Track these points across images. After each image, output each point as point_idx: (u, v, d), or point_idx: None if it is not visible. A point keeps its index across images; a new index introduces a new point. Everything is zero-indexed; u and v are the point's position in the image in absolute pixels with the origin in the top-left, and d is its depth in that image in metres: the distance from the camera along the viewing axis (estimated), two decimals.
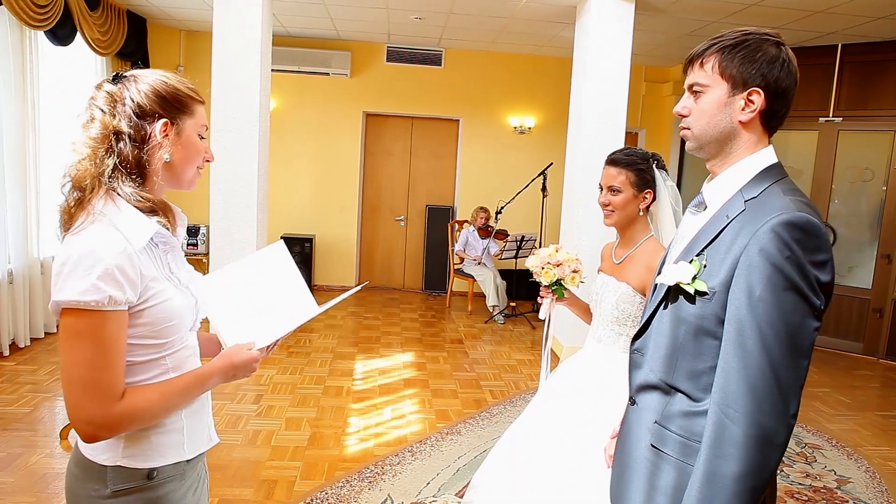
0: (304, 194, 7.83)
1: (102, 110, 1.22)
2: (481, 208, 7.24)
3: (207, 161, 1.34)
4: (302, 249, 7.38)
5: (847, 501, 3.30)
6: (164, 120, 1.24)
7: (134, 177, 1.22)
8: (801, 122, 6.45)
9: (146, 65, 6.88)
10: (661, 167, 2.16)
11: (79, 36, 5.36)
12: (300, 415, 4.02)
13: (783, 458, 3.70)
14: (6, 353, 4.73)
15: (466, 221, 7.42)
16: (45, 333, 5.28)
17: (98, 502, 1.22)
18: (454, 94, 7.85)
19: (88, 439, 1.17)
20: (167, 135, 1.24)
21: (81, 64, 5.85)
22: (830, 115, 6.30)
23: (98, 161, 1.20)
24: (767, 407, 1.08)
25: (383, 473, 3.30)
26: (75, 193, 1.20)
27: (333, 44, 7.56)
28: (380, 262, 8.29)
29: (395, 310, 7.14)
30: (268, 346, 1.39)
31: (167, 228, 1.26)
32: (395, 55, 7.70)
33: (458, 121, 8.08)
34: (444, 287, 8.01)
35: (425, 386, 4.70)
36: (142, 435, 1.23)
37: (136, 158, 1.22)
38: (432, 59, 7.77)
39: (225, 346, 1.39)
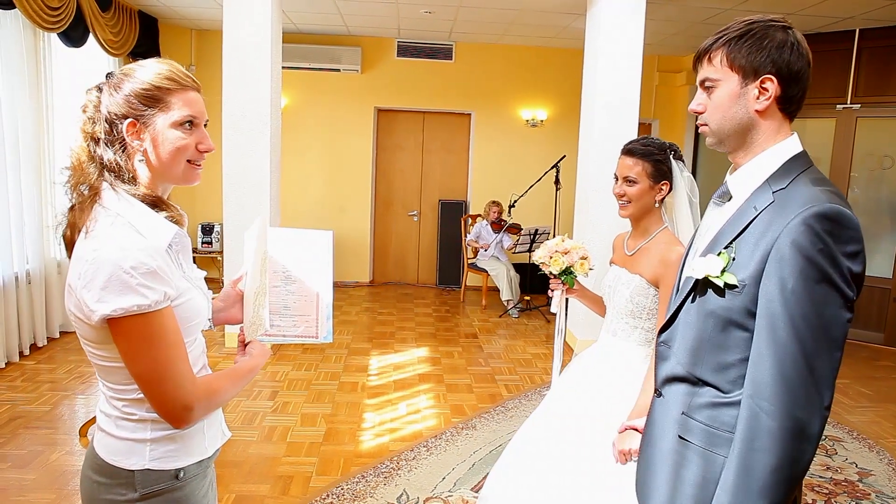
0: (317, 191, 7.85)
1: (84, 118, 1.23)
2: (493, 202, 7.21)
3: (203, 151, 1.27)
4: None
5: (869, 494, 3.25)
6: (129, 120, 1.21)
7: (126, 178, 1.22)
8: (819, 109, 6.35)
9: None
10: (679, 158, 2.12)
11: (91, 37, 5.41)
12: (315, 411, 4.03)
13: None
14: (26, 352, 4.79)
15: (479, 216, 7.39)
16: (61, 333, 5.34)
17: None
18: (465, 88, 7.82)
19: (185, 423, 1.20)
20: (136, 135, 1.22)
21: (94, 65, 5.89)
22: (848, 101, 6.19)
23: (84, 168, 1.21)
24: (802, 399, 1.08)
25: (398, 469, 3.30)
26: (72, 198, 1.23)
27: (344, 40, 7.55)
28: (393, 258, 8.30)
29: (409, 305, 7.14)
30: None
31: (179, 226, 1.26)
32: (406, 50, 7.68)
33: (469, 115, 8.05)
34: (458, 282, 8.00)
35: (440, 381, 4.70)
36: (167, 437, 1.25)
37: (117, 163, 1.22)
38: (443, 53, 7.74)
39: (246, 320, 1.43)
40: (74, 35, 5.16)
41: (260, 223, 1.39)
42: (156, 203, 1.23)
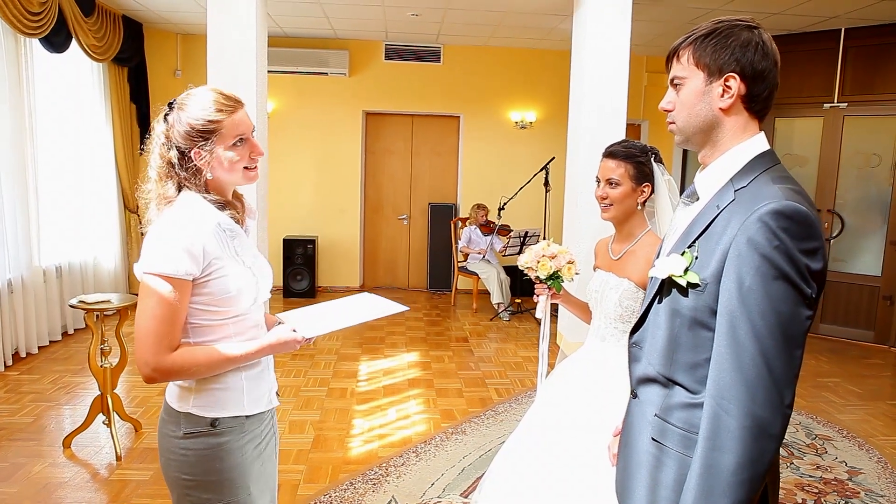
0: (306, 196, 7.82)
1: (159, 144, 1.53)
2: (478, 206, 7.22)
3: (254, 158, 1.57)
4: (305, 251, 7.37)
5: (858, 493, 3.26)
6: (195, 149, 1.50)
7: (196, 187, 1.53)
8: (806, 108, 6.39)
9: (143, 70, 6.91)
10: (659, 160, 2.14)
11: (74, 43, 5.38)
12: (304, 418, 4.01)
13: (793, 451, 3.67)
14: (9, 362, 4.74)
15: (468, 219, 7.39)
16: (51, 341, 5.30)
17: (174, 440, 1.53)
18: (454, 91, 7.82)
19: (146, 379, 1.45)
20: (201, 158, 1.51)
21: (78, 70, 5.86)
22: (835, 100, 6.23)
23: (162, 183, 1.53)
24: (761, 398, 1.08)
25: (387, 475, 3.29)
26: (150, 207, 1.55)
27: (331, 43, 7.54)
28: (383, 262, 8.28)
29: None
30: (308, 338, 1.59)
31: (236, 221, 1.56)
32: (394, 53, 7.68)
33: (458, 117, 8.05)
34: (448, 285, 8.00)
35: (430, 386, 4.69)
36: (206, 389, 1.52)
37: (188, 179, 1.52)
38: (431, 55, 7.74)
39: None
40: (57, 40, 5.13)
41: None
42: (223, 206, 1.54)
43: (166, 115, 1.53)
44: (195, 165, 1.51)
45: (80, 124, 5.90)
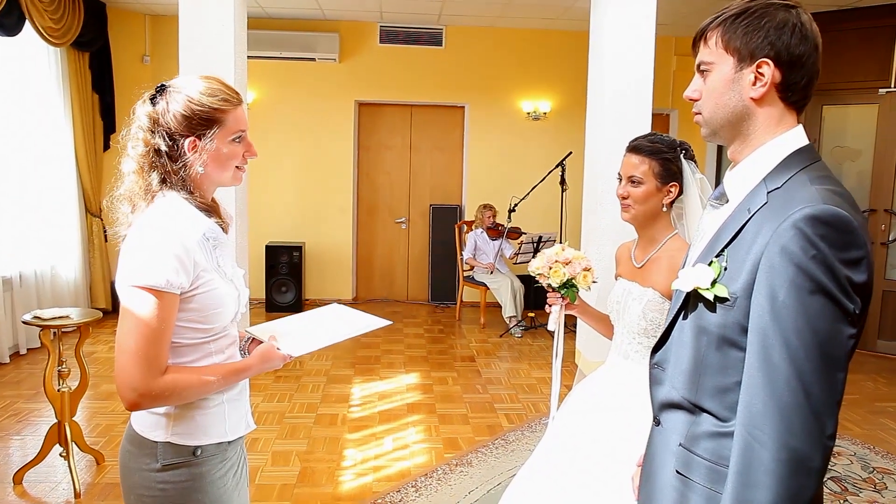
0: (291, 197, 7.85)
1: (143, 129, 1.53)
2: (485, 206, 7.22)
3: (249, 157, 1.62)
4: (290, 259, 7.38)
5: None
6: (191, 138, 1.52)
7: (181, 184, 1.53)
8: (859, 94, 6.38)
9: (107, 55, 6.95)
10: (690, 157, 2.14)
11: (28, 25, 5.40)
12: (289, 448, 4.00)
13: (847, 486, 3.63)
14: None
15: (474, 222, 7.38)
16: (0, 363, 5.30)
17: (149, 475, 1.52)
18: (458, 78, 7.84)
19: (130, 406, 1.45)
20: (196, 149, 1.52)
21: (32, 56, 5.90)
22: (892, 84, 6.21)
23: (144, 175, 1.53)
24: (798, 427, 1.06)
25: None
26: (127, 206, 1.55)
27: (319, 25, 7.58)
28: (379, 272, 8.29)
29: (398, 325, 7.12)
30: (292, 356, 1.65)
31: (221, 228, 1.59)
32: (390, 36, 7.72)
33: (463, 107, 8.08)
34: (452, 297, 8.00)
35: (432, 411, 4.68)
36: (187, 415, 1.54)
37: (176, 171, 1.53)
38: (431, 38, 7.77)
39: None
40: (8, 22, 5.17)
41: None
42: (209, 210, 1.57)
43: (153, 97, 1.54)
44: (186, 156, 1.52)
45: (34, 116, 5.92)
